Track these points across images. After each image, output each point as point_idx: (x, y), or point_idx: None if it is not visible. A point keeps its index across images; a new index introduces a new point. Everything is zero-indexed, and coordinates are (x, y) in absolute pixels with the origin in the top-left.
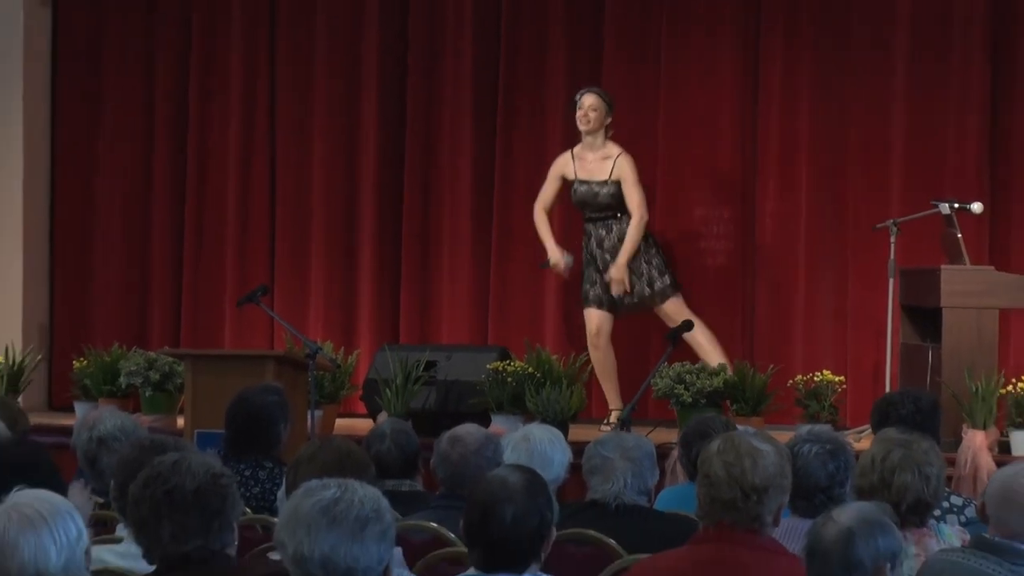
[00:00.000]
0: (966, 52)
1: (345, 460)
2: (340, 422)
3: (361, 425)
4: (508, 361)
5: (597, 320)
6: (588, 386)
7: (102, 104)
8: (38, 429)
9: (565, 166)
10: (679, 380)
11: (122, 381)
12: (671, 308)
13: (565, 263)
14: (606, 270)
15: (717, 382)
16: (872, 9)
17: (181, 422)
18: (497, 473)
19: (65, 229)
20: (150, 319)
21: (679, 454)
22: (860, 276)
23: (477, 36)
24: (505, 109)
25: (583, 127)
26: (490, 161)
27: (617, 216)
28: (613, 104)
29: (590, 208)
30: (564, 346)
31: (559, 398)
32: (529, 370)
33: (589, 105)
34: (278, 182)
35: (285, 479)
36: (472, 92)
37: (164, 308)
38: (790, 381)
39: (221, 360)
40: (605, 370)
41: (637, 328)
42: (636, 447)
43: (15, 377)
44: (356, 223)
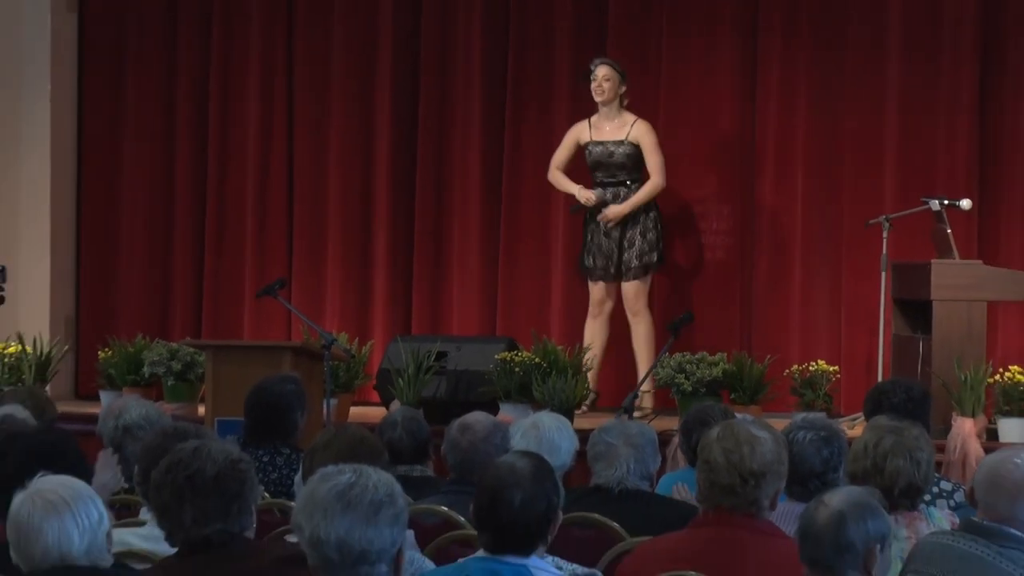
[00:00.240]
0: (956, 54)
1: (359, 447)
2: (354, 410)
3: (374, 413)
4: (516, 352)
5: (600, 292)
6: (594, 375)
7: (126, 105)
8: (65, 417)
9: (581, 132)
10: (680, 370)
11: (145, 371)
12: (632, 289)
13: (597, 194)
14: (609, 236)
15: (716, 371)
16: (866, 12)
17: (202, 410)
18: (506, 459)
19: (91, 226)
20: (172, 311)
21: (679, 441)
22: (854, 270)
23: (486, 36)
24: (513, 106)
25: (598, 98)
26: (499, 157)
27: (627, 183)
28: (626, 74)
29: (603, 170)
30: (570, 337)
31: (564, 387)
32: (536, 360)
33: (603, 76)
34: (295, 179)
35: (302, 465)
36: (481, 90)
37: (186, 301)
38: (786, 371)
39: (240, 351)
40: (597, 343)
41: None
42: (638, 434)
43: (43, 367)
44: (370, 219)
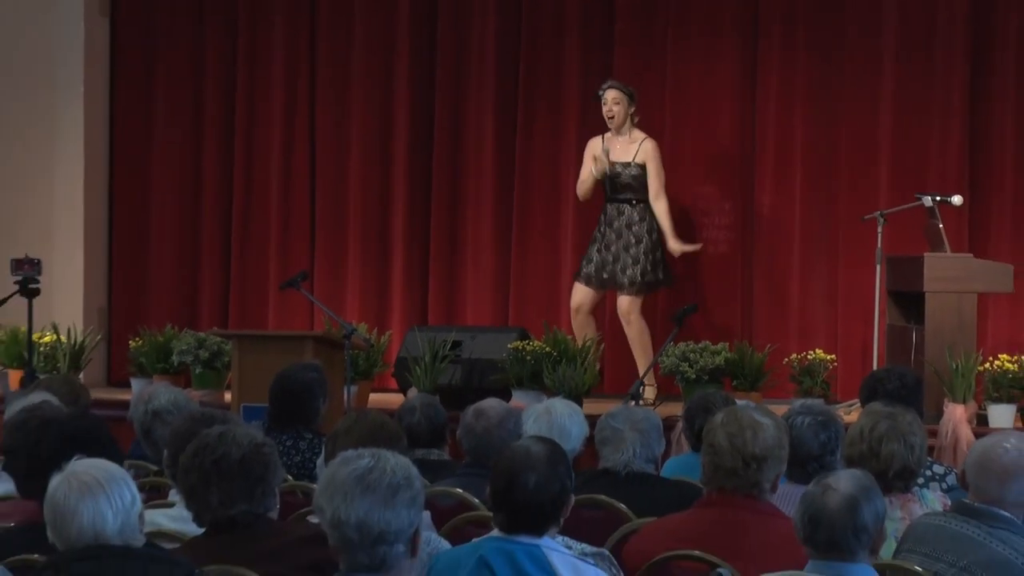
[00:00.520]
0: (948, 59)
1: (378, 432)
2: (374, 397)
3: (393, 400)
4: (527, 341)
5: (580, 296)
6: (601, 363)
7: (155, 105)
8: (98, 403)
9: (595, 147)
10: (684, 358)
11: (174, 359)
12: (625, 302)
13: (604, 149)
14: (608, 249)
15: (719, 360)
16: (862, 17)
17: (228, 397)
18: (521, 443)
19: (122, 221)
20: (200, 303)
21: (683, 426)
22: (850, 263)
23: (499, 39)
24: (525, 108)
25: (610, 124)
26: (511, 157)
27: (633, 202)
28: (634, 94)
29: (612, 186)
30: (604, 328)
31: (574, 375)
32: (547, 349)
33: (612, 99)
34: (317, 178)
35: (323, 449)
36: (494, 92)
37: (213, 293)
38: (785, 359)
39: (265, 340)
40: (585, 338)
41: (643, 309)
42: (644, 419)
43: (77, 356)
44: (388, 216)
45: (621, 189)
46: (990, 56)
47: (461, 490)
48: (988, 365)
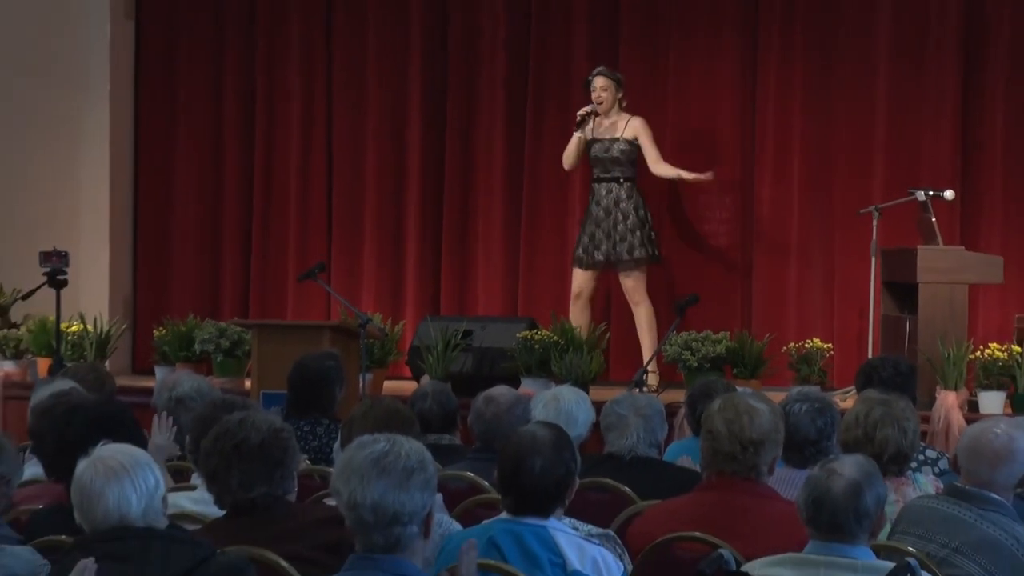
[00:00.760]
0: (940, 59)
1: (392, 417)
2: (388, 384)
3: (406, 387)
4: (536, 330)
5: (579, 281)
6: (606, 352)
7: (178, 104)
8: (123, 390)
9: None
10: (686, 347)
11: (197, 348)
12: (630, 281)
13: (590, 111)
14: (598, 226)
15: (720, 348)
16: (857, 18)
17: (248, 384)
18: (527, 429)
19: (147, 215)
20: (221, 293)
21: (685, 412)
22: (846, 255)
23: (509, 40)
24: (534, 108)
25: (600, 109)
26: (520, 154)
27: (620, 180)
28: (622, 80)
29: (600, 166)
30: (603, 315)
31: (581, 363)
32: (554, 338)
33: (601, 86)
34: (334, 174)
35: (340, 434)
36: (504, 91)
37: (234, 284)
38: (784, 348)
39: (283, 329)
40: (580, 326)
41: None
42: (647, 406)
43: (103, 344)
44: (402, 211)
45: (609, 166)
46: (981, 55)
47: (472, 474)
48: (979, 353)
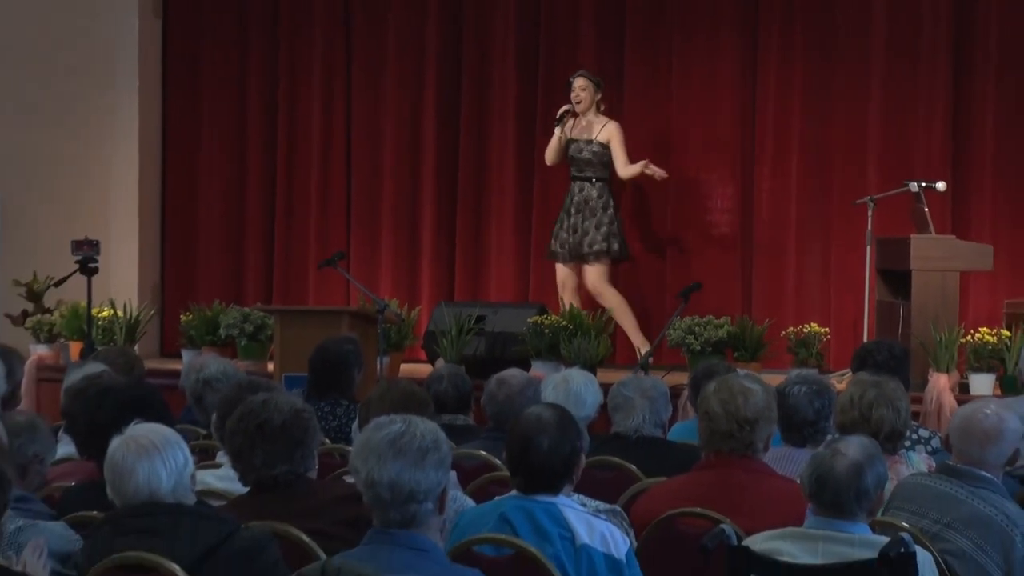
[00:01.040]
0: (932, 58)
1: (408, 399)
2: (404, 367)
3: (422, 370)
4: (546, 315)
5: (560, 274)
6: (613, 336)
7: (204, 101)
8: (151, 373)
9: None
10: (689, 331)
11: (222, 332)
12: (593, 273)
13: (568, 110)
14: (569, 221)
15: (721, 333)
16: (853, 19)
17: (271, 367)
18: (533, 411)
19: (174, 205)
20: (245, 280)
21: (689, 393)
22: (842, 244)
23: (519, 41)
24: (544, 104)
25: (578, 108)
26: (531, 147)
27: (592, 180)
28: (601, 83)
29: (575, 165)
30: (593, 302)
31: (589, 346)
32: (563, 323)
33: (580, 87)
34: (353, 165)
35: (358, 415)
36: (516, 89)
37: (257, 271)
38: (783, 332)
39: (305, 315)
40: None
41: (651, 287)
42: (652, 388)
43: (132, 329)
44: (418, 201)
45: (583, 166)
46: (971, 55)
47: (484, 452)
48: (969, 337)
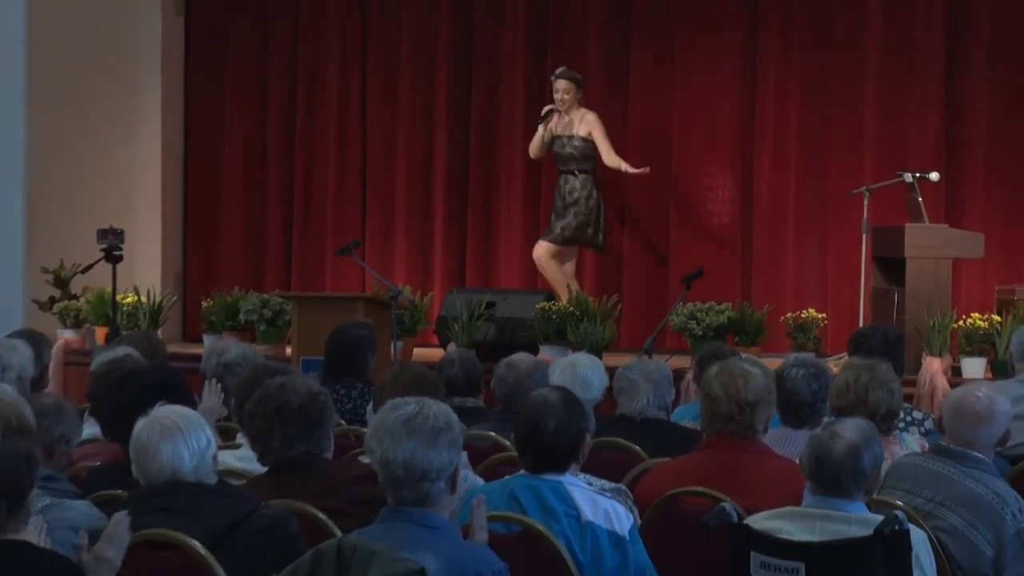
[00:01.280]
0: (926, 53)
1: (420, 381)
2: (417, 351)
3: (434, 354)
4: (553, 302)
5: (538, 250)
6: (618, 321)
7: (225, 93)
8: (174, 356)
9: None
10: (692, 316)
11: (241, 318)
12: (539, 249)
13: (552, 110)
14: (554, 212)
15: (723, 318)
16: (850, 18)
17: (289, 351)
18: (539, 393)
19: (196, 195)
20: (265, 267)
21: (695, 372)
22: (839, 232)
23: (529, 39)
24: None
25: (561, 108)
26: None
27: (575, 172)
28: (581, 81)
29: (560, 160)
30: (598, 289)
31: (594, 331)
32: (570, 309)
33: (563, 89)
34: (368, 156)
35: (373, 397)
36: (525, 85)
37: (276, 259)
38: (781, 317)
39: (321, 301)
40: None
41: (655, 273)
42: (656, 371)
43: (155, 314)
44: (431, 191)
45: (565, 160)
46: (964, 50)
47: (494, 433)
48: (961, 323)
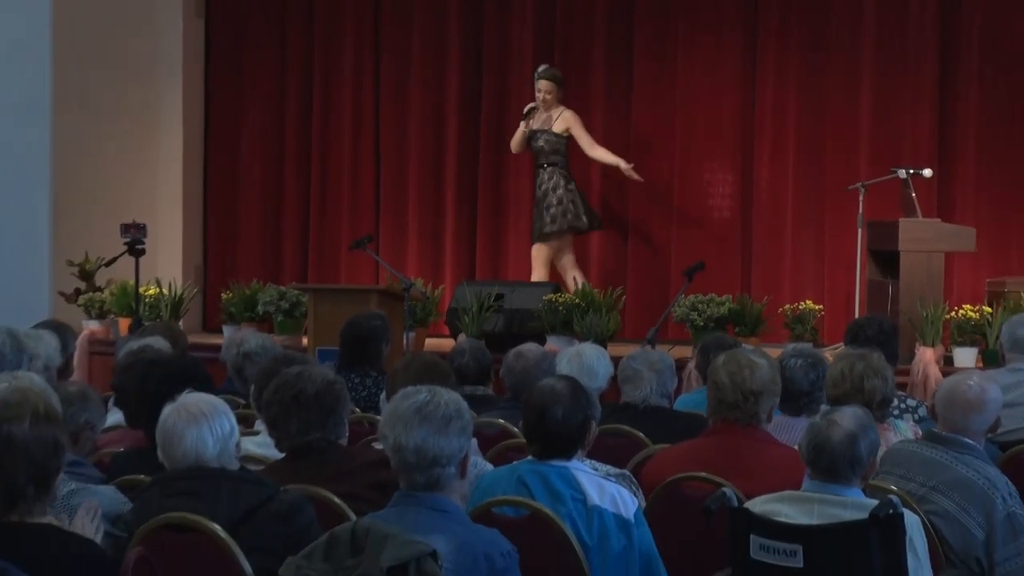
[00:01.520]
0: (919, 53)
1: (430, 370)
2: (429, 341)
3: (445, 344)
4: (560, 294)
5: (534, 252)
6: (623, 313)
7: (243, 93)
8: (194, 346)
9: (530, 119)
10: (693, 308)
11: (260, 309)
12: (551, 250)
13: (532, 107)
14: (537, 206)
15: (723, 309)
16: (845, 19)
17: (305, 341)
18: (546, 382)
19: (216, 191)
20: (282, 261)
21: (698, 360)
22: (835, 227)
23: (537, 38)
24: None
25: (542, 105)
26: None
27: (545, 166)
28: (562, 79)
29: (535, 154)
30: (603, 282)
31: (600, 322)
32: (576, 300)
33: (545, 90)
34: (382, 154)
35: (386, 385)
36: (532, 84)
37: (293, 252)
38: (780, 309)
39: (336, 293)
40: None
41: (658, 266)
42: (659, 361)
43: (177, 306)
44: (442, 187)
45: (539, 155)
46: (956, 51)
47: (503, 420)
48: (953, 314)
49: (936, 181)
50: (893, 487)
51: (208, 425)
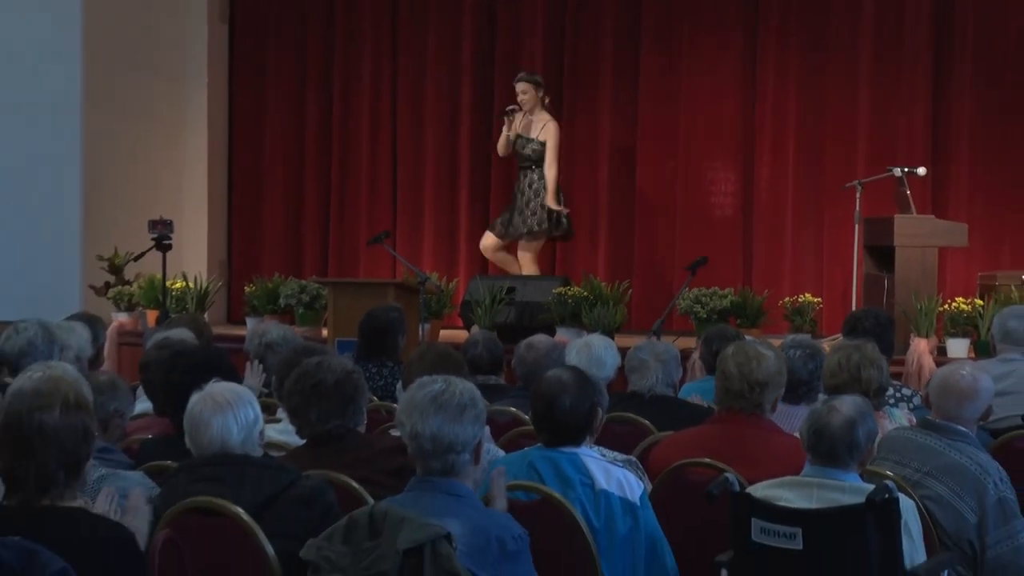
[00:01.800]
0: (914, 56)
1: (444, 360)
2: (443, 332)
3: (459, 335)
4: (569, 287)
5: (484, 241)
6: (629, 305)
7: (266, 94)
8: (219, 337)
9: (515, 123)
10: (697, 301)
11: (282, 302)
12: (528, 249)
13: (511, 109)
14: (514, 205)
15: (725, 302)
16: (843, 21)
17: (325, 332)
18: (553, 373)
19: (240, 188)
20: (303, 255)
21: (701, 350)
22: (833, 223)
23: (547, 41)
24: (568, 101)
25: (524, 108)
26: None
27: (531, 169)
28: (542, 82)
29: (519, 158)
30: (611, 275)
31: (607, 314)
32: (585, 293)
33: (522, 91)
34: (399, 153)
35: (402, 375)
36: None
37: (314, 247)
38: (780, 301)
39: (355, 286)
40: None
41: (663, 261)
42: (665, 351)
43: (202, 298)
44: (456, 185)
45: (524, 159)
46: (950, 54)
47: (514, 409)
48: (947, 306)
49: (930, 179)
50: (889, 472)
51: (233, 413)
